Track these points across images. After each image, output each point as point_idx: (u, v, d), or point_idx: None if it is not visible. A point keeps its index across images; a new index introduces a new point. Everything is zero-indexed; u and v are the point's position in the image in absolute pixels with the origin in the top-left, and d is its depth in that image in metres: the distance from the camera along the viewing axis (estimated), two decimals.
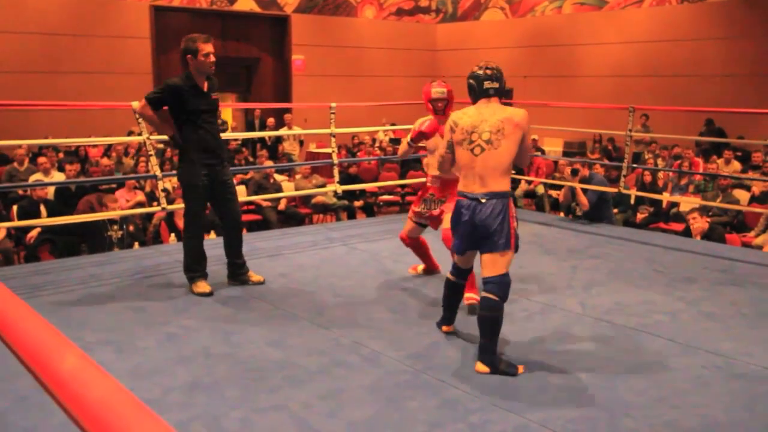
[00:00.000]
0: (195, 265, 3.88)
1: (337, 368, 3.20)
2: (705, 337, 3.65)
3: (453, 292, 3.19)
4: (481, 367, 2.80)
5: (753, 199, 7.21)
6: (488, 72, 2.92)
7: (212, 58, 3.71)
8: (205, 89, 3.77)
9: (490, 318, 2.78)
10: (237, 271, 4.09)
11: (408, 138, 3.87)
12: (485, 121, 2.82)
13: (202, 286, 3.82)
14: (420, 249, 4.23)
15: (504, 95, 2.99)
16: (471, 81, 2.97)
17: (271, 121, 11.13)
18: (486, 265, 2.83)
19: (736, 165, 8.75)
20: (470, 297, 3.69)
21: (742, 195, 7.32)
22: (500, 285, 2.81)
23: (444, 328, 3.29)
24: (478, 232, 2.84)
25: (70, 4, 10.71)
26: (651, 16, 11.86)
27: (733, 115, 10.00)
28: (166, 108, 3.93)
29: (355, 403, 2.84)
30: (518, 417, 2.66)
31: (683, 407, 2.84)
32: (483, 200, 2.82)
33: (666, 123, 10.50)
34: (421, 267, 4.35)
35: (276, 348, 3.40)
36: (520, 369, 2.86)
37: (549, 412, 2.73)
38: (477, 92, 2.94)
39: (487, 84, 2.90)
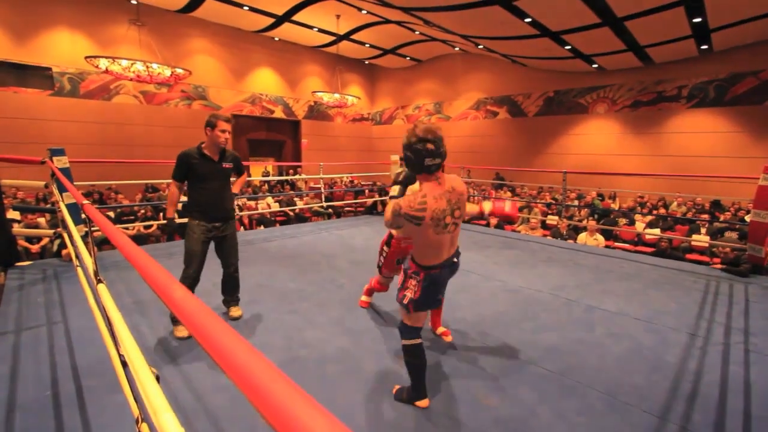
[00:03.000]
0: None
1: (323, 291, 3.47)
2: (495, 272, 4.10)
3: (423, 356, 1.94)
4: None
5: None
6: (429, 147, 1.66)
7: (227, 135, 2.74)
8: (216, 159, 2.77)
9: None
10: (226, 305, 3.00)
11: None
12: (450, 202, 1.78)
13: (181, 331, 2.66)
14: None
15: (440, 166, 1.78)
16: (409, 154, 1.71)
17: (291, 171, 12.56)
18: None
19: (509, 194, 10.40)
20: (447, 331, 2.70)
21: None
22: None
23: (420, 403, 1.97)
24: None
25: (188, 112, 11.90)
26: (472, 124, 14.50)
27: (507, 171, 12.77)
28: None
29: (332, 309, 3.11)
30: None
31: (484, 305, 3.23)
32: (455, 259, 1.94)
33: (478, 174, 13.09)
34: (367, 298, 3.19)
35: (293, 281, 3.72)
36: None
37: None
38: (417, 168, 1.73)
39: (428, 161, 1.69)
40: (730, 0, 6.93)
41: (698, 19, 7.71)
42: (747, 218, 7.05)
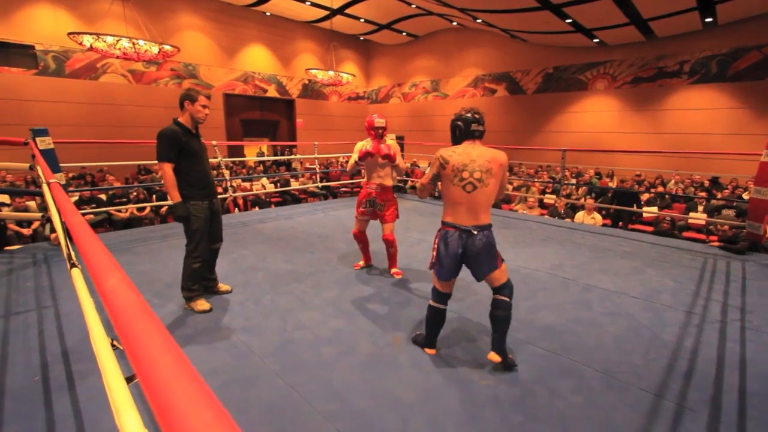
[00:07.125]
0: (194, 284, 2.72)
1: (317, 272, 3.47)
2: (502, 249, 3.78)
3: (439, 319, 2.25)
4: (494, 356, 2.12)
5: (513, 189, 8.74)
6: (476, 116, 2.12)
7: (207, 111, 2.64)
8: (196, 133, 2.69)
9: (507, 317, 2.11)
10: (208, 285, 2.98)
11: (356, 158, 3.20)
12: (474, 161, 2.06)
13: (202, 304, 2.73)
14: (364, 243, 3.52)
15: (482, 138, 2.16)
16: (459, 123, 2.14)
17: (286, 152, 12.63)
18: (495, 279, 2.12)
19: (508, 173, 10.55)
20: (398, 272, 3.44)
21: (509, 187, 8.76)
22: (510, 288, 2.14)
23: (428, 350, 2.30)
24: (468, 260, 2.11)
25: (178, 91, 11.40)
26: (470, 102, 14.33)
27: (506, 149, 12.46)
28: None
29: (328, 289, 3.11)
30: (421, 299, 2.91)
31: (480, 284, 3.14)
32: (475, 232, 2.07)
33: None
34: (362, 262, 3.64)
35: (287, 263, 3.69)
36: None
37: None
38: (464, 133, 2.13)
39: (474, 126, 2.11)
40: None
41: None
42: (745, 196, 7.01)
